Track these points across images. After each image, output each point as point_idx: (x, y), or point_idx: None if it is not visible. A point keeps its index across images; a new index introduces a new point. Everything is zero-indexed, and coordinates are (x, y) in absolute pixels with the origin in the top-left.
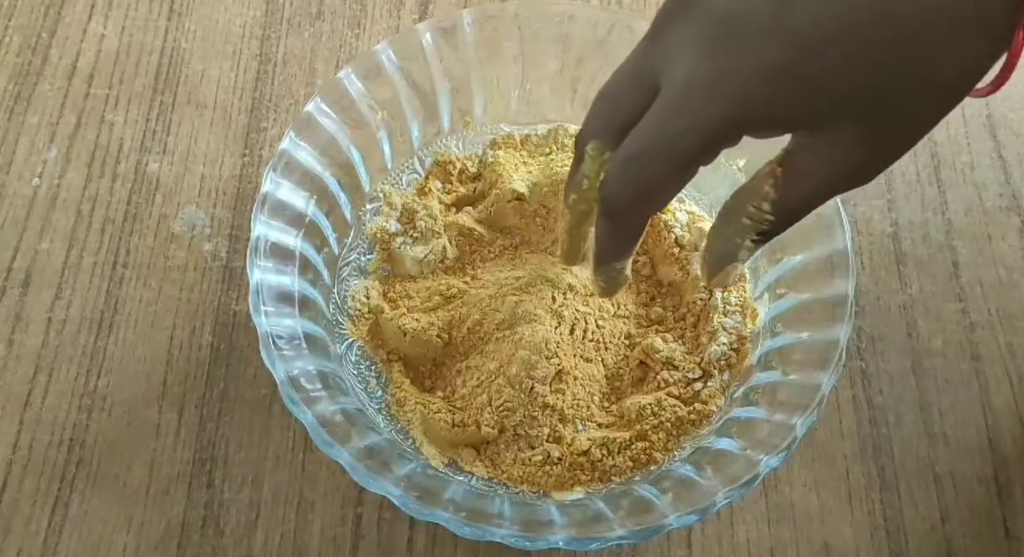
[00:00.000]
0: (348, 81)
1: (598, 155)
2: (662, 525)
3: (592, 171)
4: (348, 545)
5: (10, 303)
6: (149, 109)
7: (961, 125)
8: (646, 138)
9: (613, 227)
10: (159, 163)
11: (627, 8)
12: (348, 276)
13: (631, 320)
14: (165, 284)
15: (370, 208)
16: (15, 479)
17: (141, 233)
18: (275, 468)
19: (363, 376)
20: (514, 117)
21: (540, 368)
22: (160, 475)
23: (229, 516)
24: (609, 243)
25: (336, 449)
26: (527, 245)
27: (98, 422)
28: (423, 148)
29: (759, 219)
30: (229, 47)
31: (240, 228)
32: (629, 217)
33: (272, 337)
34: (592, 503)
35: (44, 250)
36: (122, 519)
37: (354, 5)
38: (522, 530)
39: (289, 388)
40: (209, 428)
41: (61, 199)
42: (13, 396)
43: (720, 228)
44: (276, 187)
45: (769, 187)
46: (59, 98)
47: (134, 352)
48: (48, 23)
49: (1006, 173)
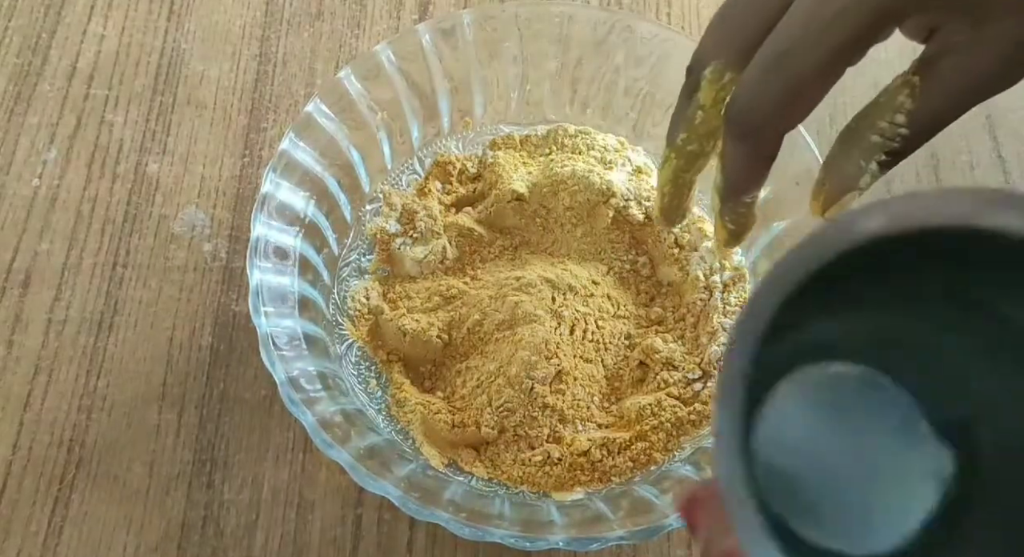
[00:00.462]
0: (348, 82)
1: (717, 78)
2: (662, 525)
3: (709, 98)
4: (348, 546)
5: (10, 304)
6: (149, 110)
7: (961, 125)
8: (794, 29)
9: (747, 149)
10: (159, 164)
11: (627, 8)
12: (348, 277)
13: (631, 320)
14: (165, 285)
15: (370, 209)
16: (15, 479)
17: (141, 234)
18: (275, 468)
19: (363, 377)
20: (514, 117)
21: (540, 369)
22: (160, 475)
23: (229, 516)
24: (742, 169)
25: (336, 450)
26: (527, 245)
27: (98, 422)
28: (423, 149)
29: (891, 135)
30: (229, 47)
31: (240, 229)
32: (767, 132)
33: (272, 338)
34: (592, 503)
35: (44, 251)
36: (122, 519)
37: (354, 5)
38: (522, 531)
39: (289, 389)
40: (209, 429)
41: (61, 200)
42: (13, 397)
43: (842, 151)
44: (276, 188)
45: (905, 97)
46: (59, 99)
47: (134, 353)
48: (48, 23)
49: (1006, 173)
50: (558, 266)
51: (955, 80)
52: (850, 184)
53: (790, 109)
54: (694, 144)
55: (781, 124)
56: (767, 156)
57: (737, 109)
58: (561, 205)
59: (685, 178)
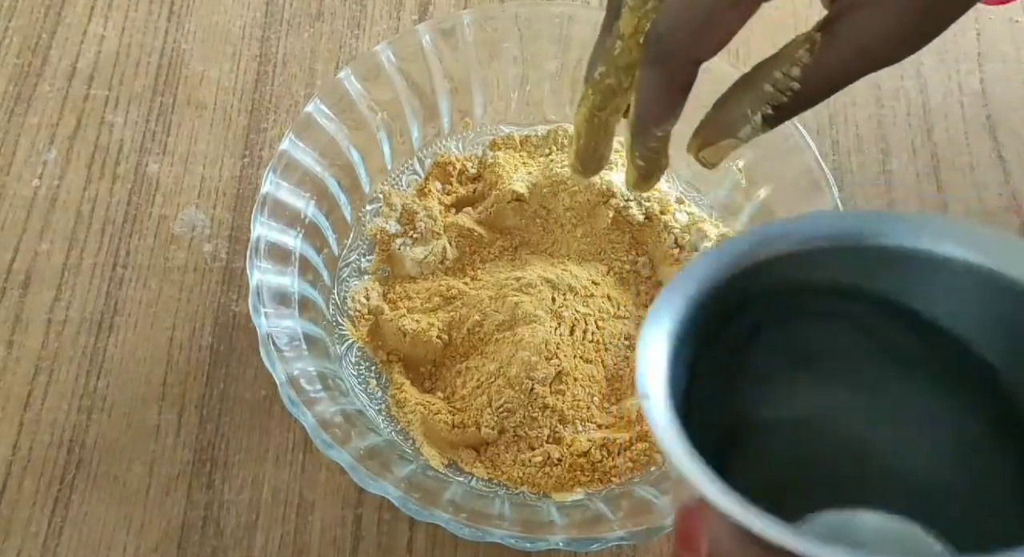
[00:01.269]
0: (348, 82)
1: (640, 5)
2: (662, 526)
3: (630, 27)
4: (348, 546)
5: (10, 304)
6: (149, 110)
7: (961, 125)
8: None
9: (661, 76)
10: (159, 164)
11: None
12: (348, 277)
13: (631, 321)
14: (165, 285)
15: (370, 209)
16: (15, 480)
17: (141, 234)
18: (275, 469)
19: (363, 377)
20: (514, 118)
21: (540, 369)
22: (160, 476)
23: (229, 517)
24: (654, 96)
25: (336, 450)
26: (527, 246)
27: (98, 423)
28: (423, 149)
29: (783, 87)
30: (229, 48)
31: (240, 229)
32: (681, 58)
33: (272, 338)
34: (592, 504)
35: (44, 251)
36: (122, 520)
37: (354, 6)
38: (522, 531)
39: (289, 389)
40: (209, 429)
41: (61, 200)
42: (13, 397)
43: (733, 95)
44: (276, 188)
45: (804, 51)
46: (59, 99)
47: (134, 353)
48: (48, 24)
49: (1006, 173)
50: (558, 266)
51: (853, 40)
52: (731, 130)
53: (706, 37)
54: (612, 78)
55: (695, 51)
56: (680, 85)
57: (655, 33)
58: (561, 205)
59: (602, 118)
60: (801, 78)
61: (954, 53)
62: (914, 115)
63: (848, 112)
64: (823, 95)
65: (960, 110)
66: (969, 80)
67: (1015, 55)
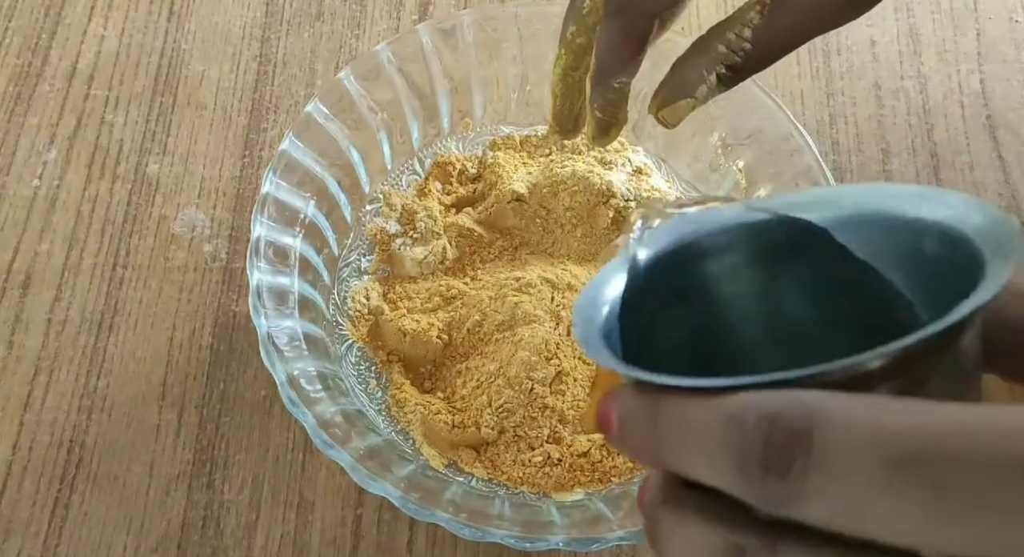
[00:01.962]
0: (348, 82)
1: None
2: None
3: None
4: (348, 546)
5: (10, 304)
6: (149, 110)
7: (961, 125)
8: None
9: (619, 28)
10: (159, 164)
11: None
12: (348, 277)
13: None
14: (165, 285)
15: (370, 209)
16: (15, 480)
17: (141, 234)
18: (275, 469)
19: (363, 377)
20: (514, 118)
21: (540, 369)
22: (160, 476)
23: (229, 517)
24: (611, 48)
25: (336, 450)
26: (527, 246)
27: (98, 423)
28: (423, 149)
29: (736, 47)
30: (229, 48)
31: (240, 229)
32: (639, 11)
33: (272, 338)
34: (592, 504)
35: (44, 251)
36: (122, 520)
37: (354, 6)
38: (522, 531)
39: (289, 389)
40: (209, 429)
41: (61, 200)
42: (13, 397)
43: (690, 56)
44: (276, 188)
45: (755, 12)
46: (59, 99)
47: (134, 353)
48: (48, 24)
49: (1006, 173)
50: (558, 266)
51: (800, 3)
52: (688, 90)
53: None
54: (582, 37)
55: (650, 4)
56: (637, 37)
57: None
58: (561, 206)
59: (575, 77)
60: (752, 39)
61: (954, 53)
62: (914, 115)
63: (848, 112)
64: (775, 56)
65: (960, 110)
66: (969, 80)
67: (1015, 55)
